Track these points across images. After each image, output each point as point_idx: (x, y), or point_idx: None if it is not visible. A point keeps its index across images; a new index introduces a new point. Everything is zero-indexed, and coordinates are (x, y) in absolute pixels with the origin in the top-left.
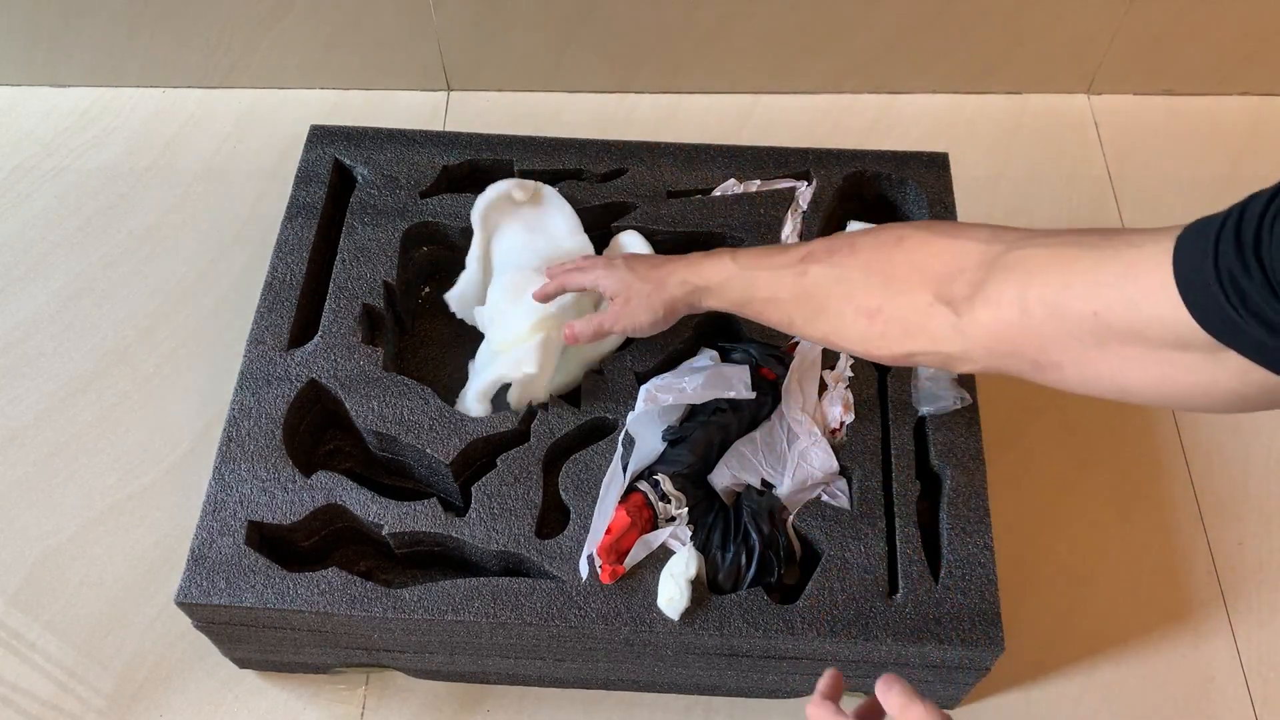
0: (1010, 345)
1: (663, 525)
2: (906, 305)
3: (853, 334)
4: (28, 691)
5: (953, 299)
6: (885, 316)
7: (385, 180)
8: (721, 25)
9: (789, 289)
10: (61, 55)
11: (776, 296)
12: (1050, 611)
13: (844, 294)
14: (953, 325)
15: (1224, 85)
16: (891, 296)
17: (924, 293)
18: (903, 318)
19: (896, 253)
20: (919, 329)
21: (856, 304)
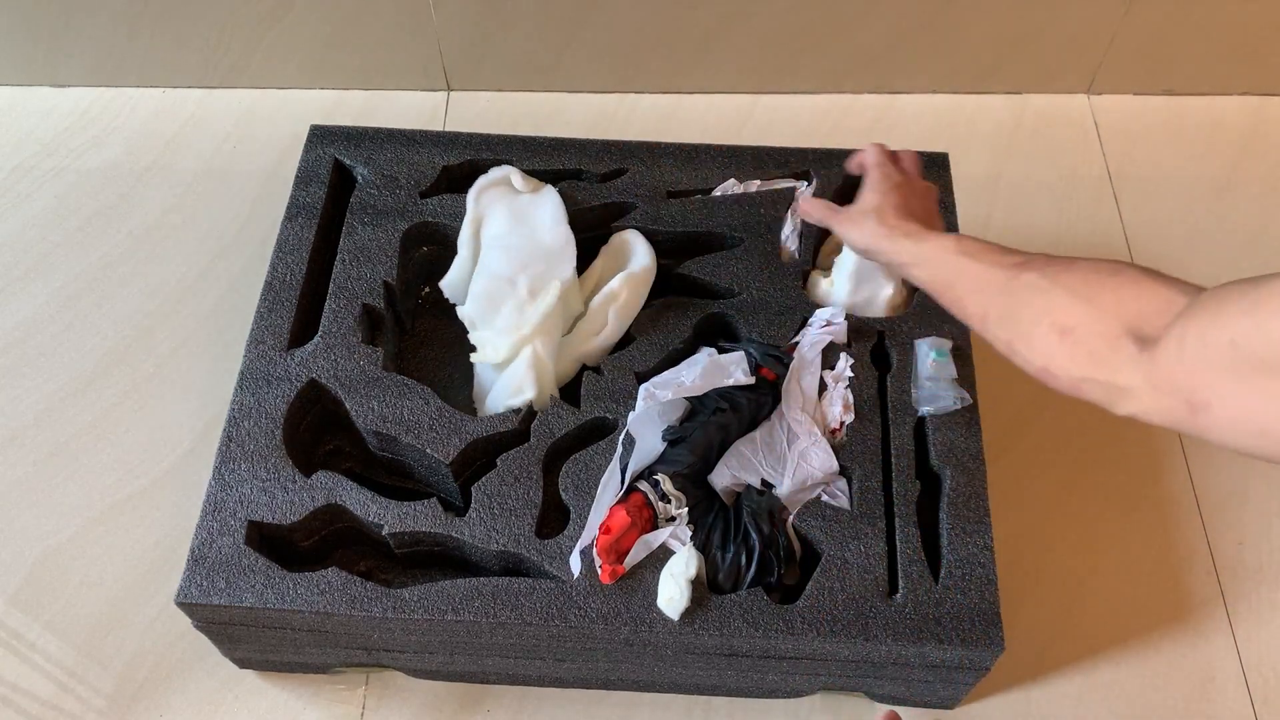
0: (1170, 383)
1: (663, 525)
2: (1099, 333)
3: (1039, 346)
4: (28, 691)
5: (1142, 335)
6: (1075, 338)
7: (385, 180)
8: (721, 25)
9: (997, 284)
10: (61, 55)
11: (982, 289)
12: (1050, 611)
13: (1044, 306)
14: (1131, 359)
15: (1224, 85)
16: (1088, 321)
17: (1118, 324)
18: (1091, 343)
19: (1109, 282)
20: (1102, 358)
21: (1053, 319)
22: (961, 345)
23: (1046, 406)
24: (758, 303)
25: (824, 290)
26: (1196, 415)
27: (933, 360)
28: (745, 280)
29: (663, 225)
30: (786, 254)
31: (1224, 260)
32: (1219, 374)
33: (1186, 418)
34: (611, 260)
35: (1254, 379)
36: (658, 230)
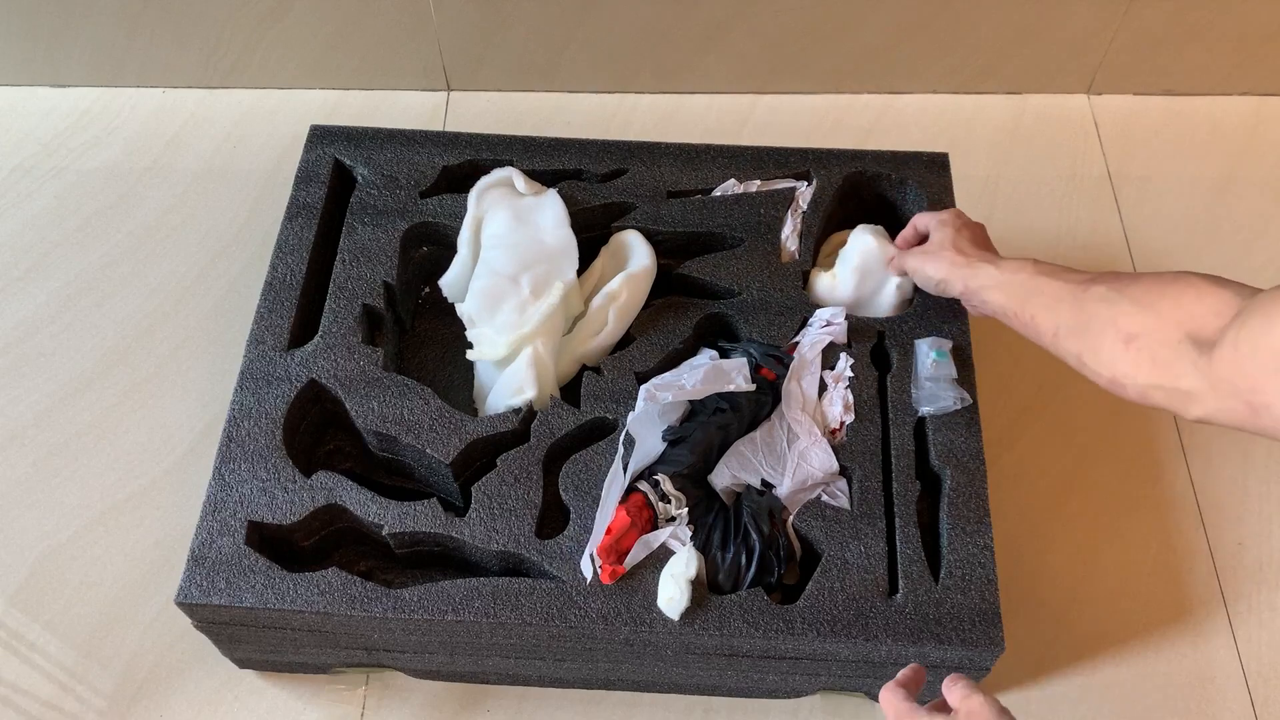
0: (1230, 385)
1: (663, 525)
2: (1160, 339)
3: (1106, 356)
4: (28, 691)
5: (1200, 339)
6: (1139, 345)
7: (385, 180)
8: (721, 25)
9: (1069, 299)
10: (61, 55)
11: (1055, 304)
12: (1050, 611)
13: (1110, 316)
14: (1193, 363)
15: (1224, 85)
16: (1150, 328)
17: (1179, 330)
18: (1154, 349)
19: (1169, 288)
20: (1165, 364)
21: (1119, 327)
22: (961, 345)
23: (1047, 406)
24: (758, 303)
25: (826, 286)
26: (1258, 416)
27: (933, 360)
28: (745, 280)
29: (663, 225)
30: (786, 254)
31: (1224, 260)
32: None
33: (1249, 419)
34: (611, 260)
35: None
36: (658, 230)
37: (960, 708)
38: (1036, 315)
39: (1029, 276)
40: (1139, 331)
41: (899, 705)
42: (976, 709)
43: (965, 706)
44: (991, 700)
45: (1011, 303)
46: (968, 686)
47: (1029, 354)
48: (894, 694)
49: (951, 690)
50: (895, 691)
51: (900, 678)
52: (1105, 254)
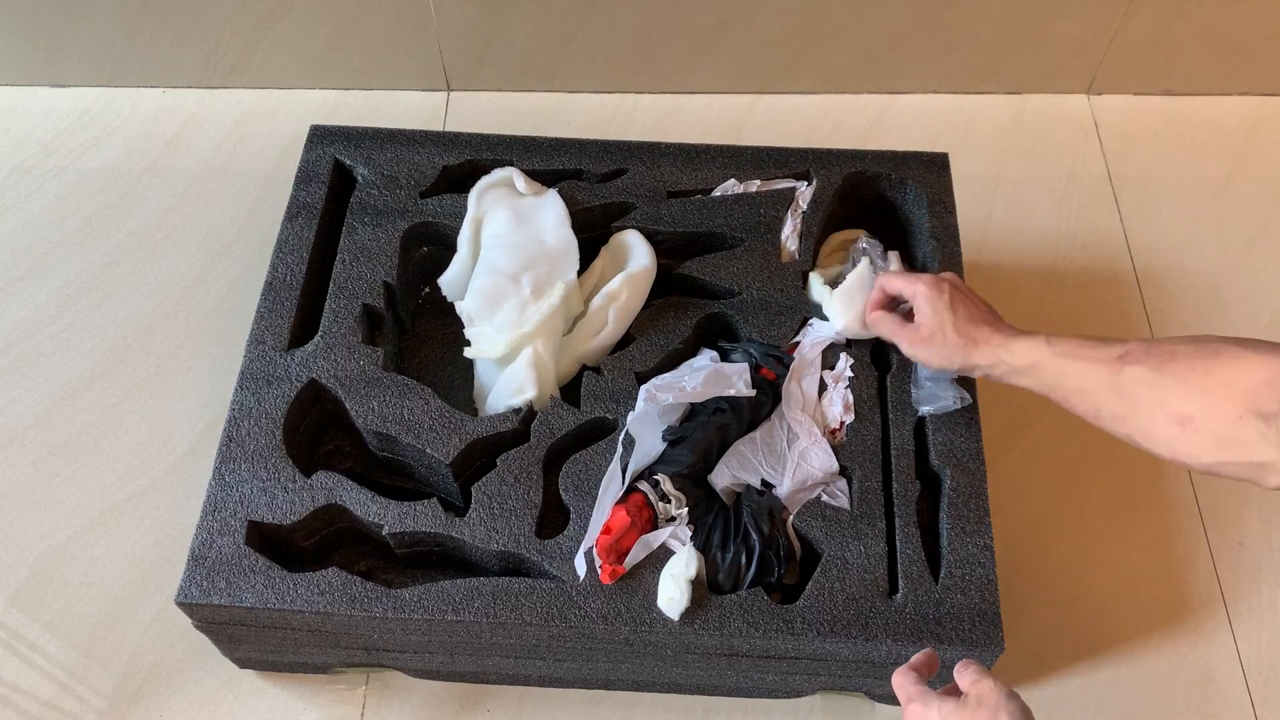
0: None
1: (663, 525)
2: (1219, 417)
3: (1162, 438)
4: (28, 691)
5: (1264, 412)
6: (1196, 425)
7: (385, 180)
8: (721, 25)
9: (1102, 383)
10: (61, 55)
11: (1087, 389)
12: (1050, 611)
13: (1157, 399)
14: (1261, 435)
15: (1224, 85)
16: (1205, 407)
17: (1235, 406)
18: (1214, 428)
19: (1214, 364)
20: (1231, 440)
21: (1169, 410)
22: None
23: (1047, 406)
24: (758, 303)
25: (822, 297)
26: None
27: None
28: (745, 280)
29: (663, 225)
30: (786, 254)
31: (1224, 260)
32: None
33: None
34: (611, 260)
35: None
36: (658, 230)
37: (970, 691)
38: (1070, 399)
39: (1049, 360)
40: (1193, 413)
41: (911, 689)
42: (986, 693)
43: (975, 690)
44: (1001, 685)
45: (1039, 386)
46: (979, 671)
47: None
48: (906, 677)
49: (963, 674)
50: (907, 675)
51: (913, 661)
52: (1105, 254)
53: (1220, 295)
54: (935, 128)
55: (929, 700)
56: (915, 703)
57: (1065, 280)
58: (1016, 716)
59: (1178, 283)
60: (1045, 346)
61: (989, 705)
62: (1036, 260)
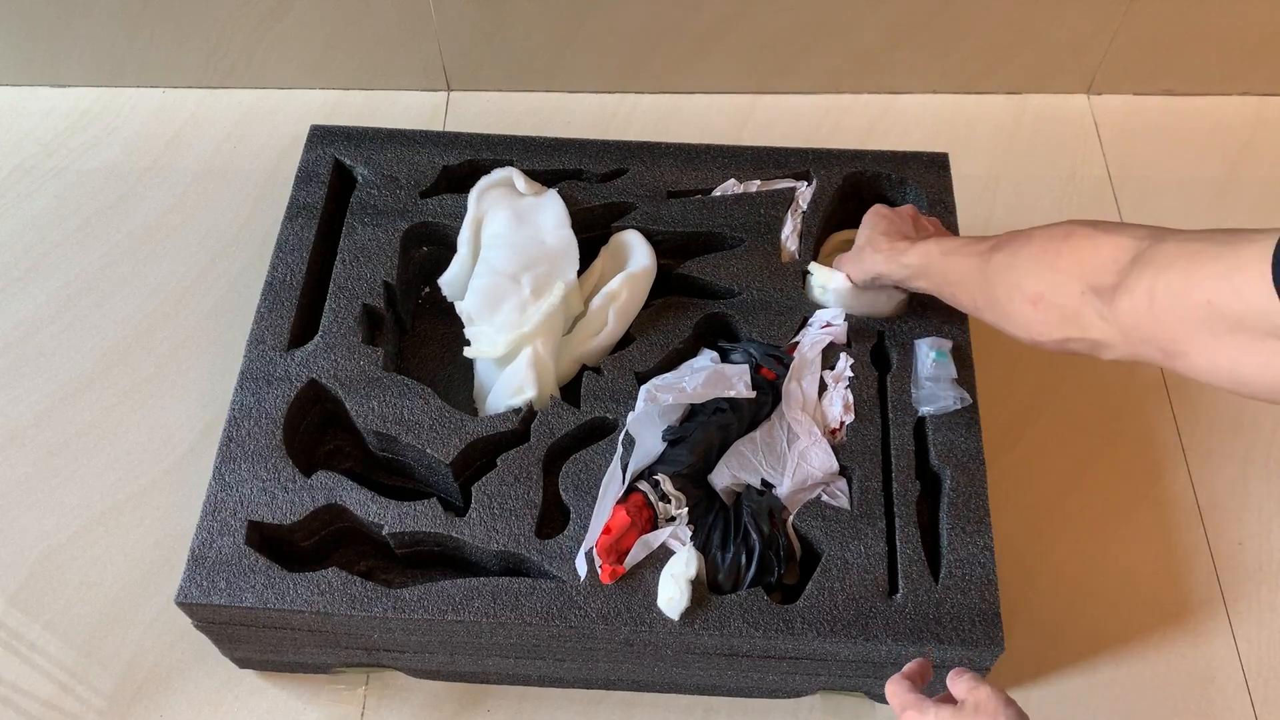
0: (1143, 332)
1: (663, 525)
2: (1064, 294)
3: (1019, 319)
4: (28, 691)
5: (1101, 288)
6: (1046, 303)
7: (385, 180)
8: (721, 25)
9: (975, 274)
10: (61, 55)
11: (965, 280)
12: (1050, 611)
13: (1014, 281)
14: (1099, 313)
15: (1224, 85)
16: (1053, 285)
17: (1079, 283)
18: (1060, 305)
19: (1064, 245)
20: (1073, 316)
21: (1023, 291)
22: (961, 345)
23: (1046, 406)
24: (758, 303)
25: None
26: (1174, 360)
27: (933, 360)
28: (745, 280)
29: (663, 225)
30: (786, 254)
31: None
32: (1194, 328)
33: (1163, 360)
34: (611, 260)
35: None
36: (658, 230)
37: (967, 699)
38: (956, 294)
39: (938, 259)
40: (1042, 290)
41: (905, 696)
42: (984, 700)
43: (972, 698)
44: (998, 691)
45: (933, 287)
46: (974, 679)
47: (1029, 354)
48: (900, 685)
49: (957, 683)
50: (901, 683)
51: (907, 670)
52: None
53: None
54: (935, 128)
55: (925, 708)
56: (911, 710)
57: None
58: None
59: None
60: (935, 248)
61: (987, 711)
62: None
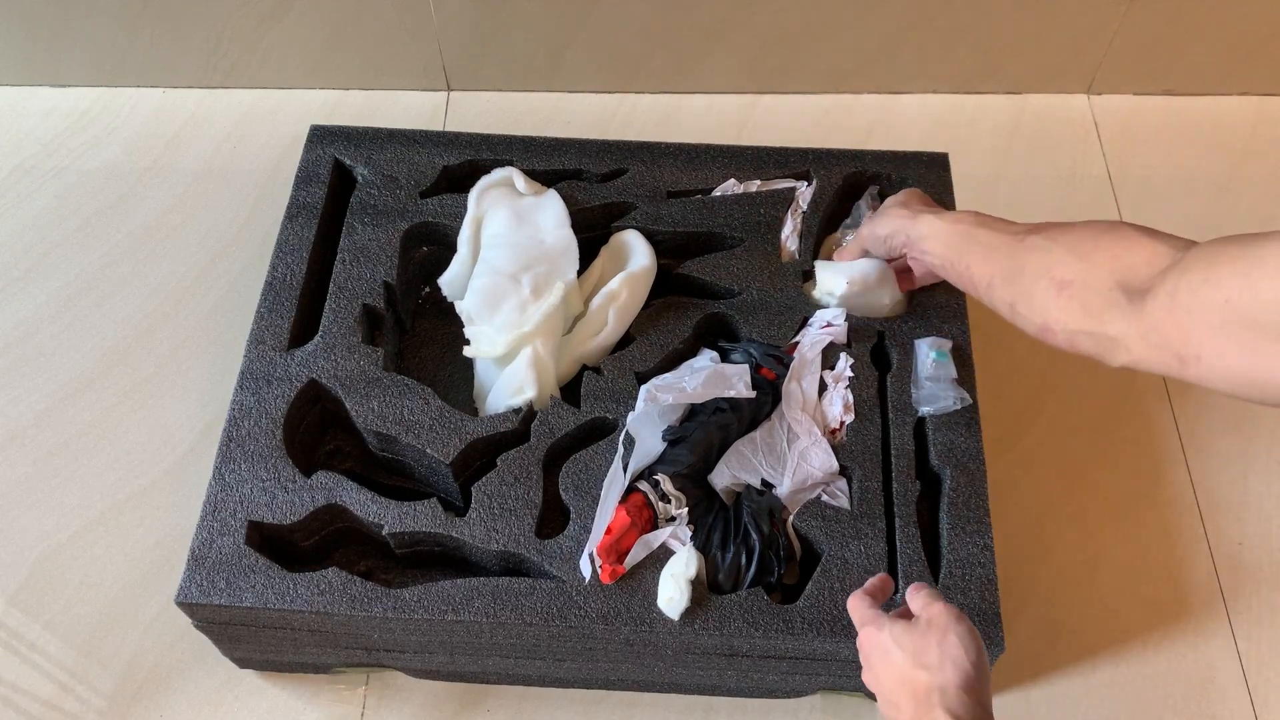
0: (1160, 334)
1: (663, 525)
2: (1093, 285)
3: (1038, 303)
4: (28, 691)
5: (1131, 287)
6: (1071, 292)
7: (385, 180)
8: (721, 25)
9: (1005, 247)
10: (61, 55)
11: (991, 254)
12: (1050, 611)
13: (1045, 263)
14: (1122, 310)
15: (1224, 85)
16: (1083, 274)
17: (1110, 277)
18: (1086, 296)
19: (1103, 238)
20: (1095, 310)
21: (1053, 274)
22: (961, 345)
23: (1046, 406)
24: (758, 303)
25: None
26: (1186, 366)
27: (933, 360)
28: (745, 280)
29: (663, 225)
30: (786, 254)
31: None
32: (1211, 330)
33: (1176, 368)
34: (611, 260)
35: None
36: (658, 230)
37: (922, 615)
38: (972, 265)
39: (968, 227)
40: (1072, 278)
41: (865, 612)
42: (937, 615)
43: (926, 613)
44: (951, 607)
45: (949, 253)
46: (930, 595)
47: (1029, 354)
48: (860, 600)
49: (914, 598)
50: (862, 599)
51: (867, 586)
52: None
53: None
54: (935, 128)
55: (881, 623)
56: (869, 626)
57: None
58: (964, 637)
59: None
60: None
61: (938, 626)
62: None
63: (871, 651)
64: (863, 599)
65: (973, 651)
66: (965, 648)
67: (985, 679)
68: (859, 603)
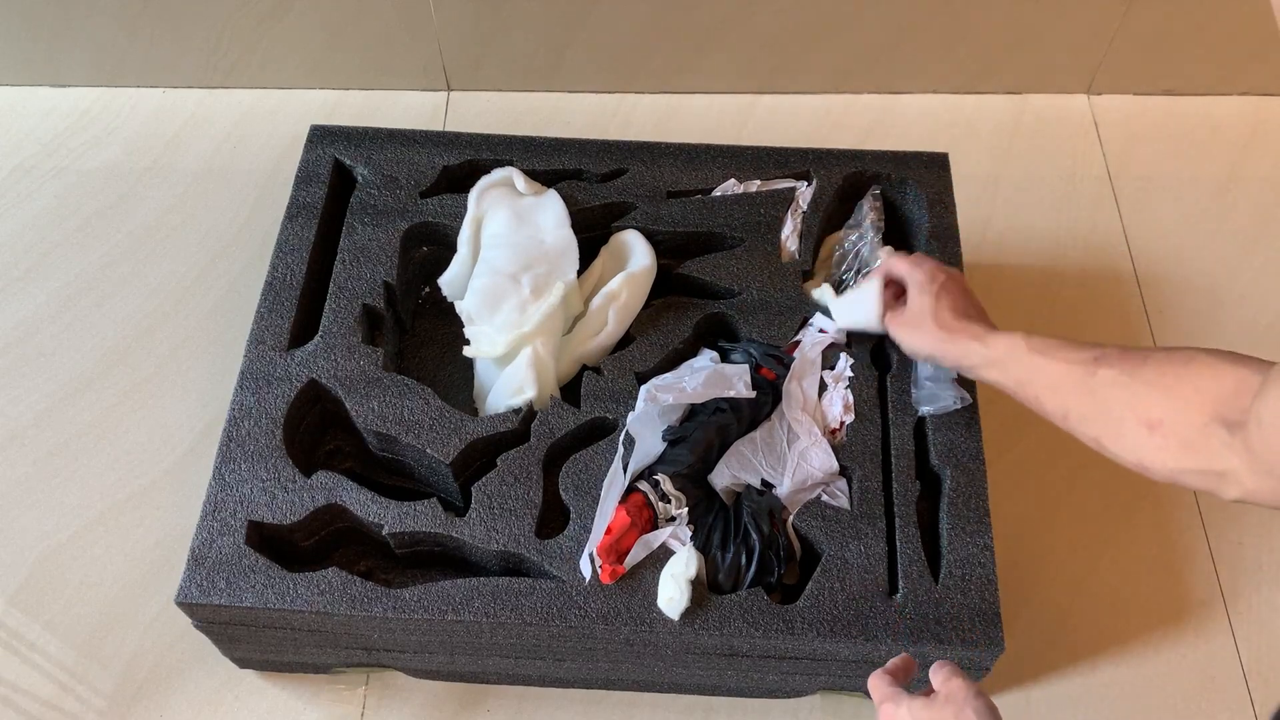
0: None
1: (663, 525)
2: (1186, 423)
3: (1129, 442)
4: (28, 691)
5: (1229, 420)
6: (1165, 430)
7: (385, 180)
8: (721, 25)
9: (1074, 383)
10: (61, 55)
11: (1059, 387)
12: (1050, 611)
13: (1127, 402)
14: (1225, 444)
15: (1224, 85)
16: (1173, 413)
17: (1203, 413)
18: (1181, 434)
19: (1185, 371)
20: (1196, 446)
21: (1138, 414)
22: None
23: None
24: (758, 303)
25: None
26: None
27: None
28: (745, 280)
29: (663, 225)
30: (786, 254)
31: (1224, 260)
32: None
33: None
34: (611, 260)
35: None
36: (658, 230)
37: (941, 690)
38: (1040, 397)
39: (1024, 356)
40: (1162, 418)
41: (885, 690)
42: (955, 690)
43: (945, 689)
44: (970, 683)
45: (1009, 383)
46: (951, 671)
47: None
48: (881, 679)
49: (936, 674)
50: (883, 677)
51: (889, 665)
52: (1105, 254)
53: (1220, 295)
54: (935, 128)
55: (899, 700)
56: (888, 703)
57: (1065, 280)
58: (981, 712)
59: (1178, 283)
60: (1021, 342)
61: (956, 701)
62: (1036, 260)
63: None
64: (884, 677)
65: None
66: None
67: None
68: (880, 681)
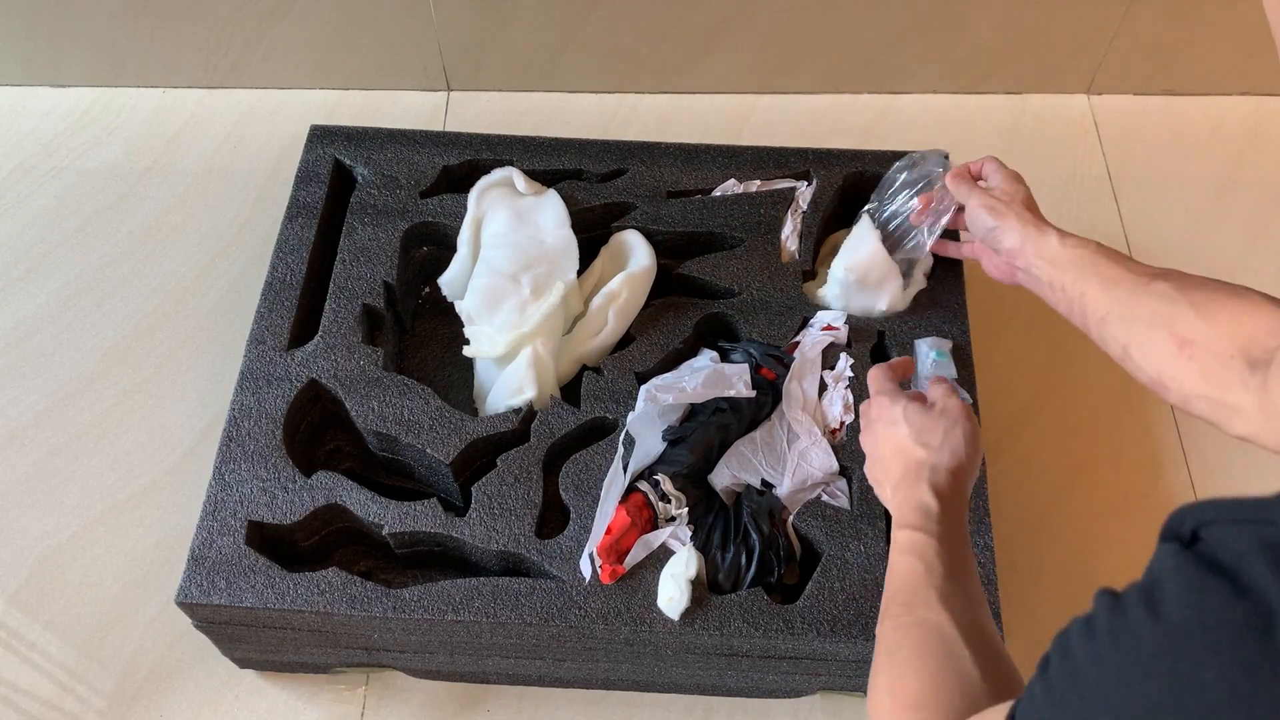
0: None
1: (663, 525)
2: (1214, 350)
3: (1155, 354)
4: (28, 691)
5: (1253, 358)
6: (1193, 351)
7: (385, 180)
8: (721, 25)
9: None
10: (61, 55)
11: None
12: (1050, 611)
13: (1168, 315)
14: (1242, 380)
15: (1224, 85)
16: (1206, 337)
17: (1232, 344)
18: (1206, 360)
19: (1230, 302)
20: (1216, 376)
21: (1174, 329)
22: (961, 345)
23: (1046, 406)
24: (758, 303)
25: (817, 296)
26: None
27: (933, 360)
28: (745, 280)
29: (663, 225)
30: (786, 254)
31: (1224, 260)
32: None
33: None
34: (611, 260)
35: None
36: (658, 230)
37: (939, 403)
38: (1088, 293)
39: (1091, 254)
40: (1194, 338)
41: (883, 382)
42: (953, 407)
43: (943, 403)
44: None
45: (1064, 276)
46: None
47: (1029, 354)
48: (882, 371)
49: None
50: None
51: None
52: None
53: None
54: (935, 128)
55: (897, 397)
56: (884, 396)
57: None
58: (969, 434)
59: None
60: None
61: (950, 416)
62: None
63: (879, 418)
64: (885, 371)
65: (972, 449)
66: (967, 443)
67: (972, 477)
68: (880, 373)
